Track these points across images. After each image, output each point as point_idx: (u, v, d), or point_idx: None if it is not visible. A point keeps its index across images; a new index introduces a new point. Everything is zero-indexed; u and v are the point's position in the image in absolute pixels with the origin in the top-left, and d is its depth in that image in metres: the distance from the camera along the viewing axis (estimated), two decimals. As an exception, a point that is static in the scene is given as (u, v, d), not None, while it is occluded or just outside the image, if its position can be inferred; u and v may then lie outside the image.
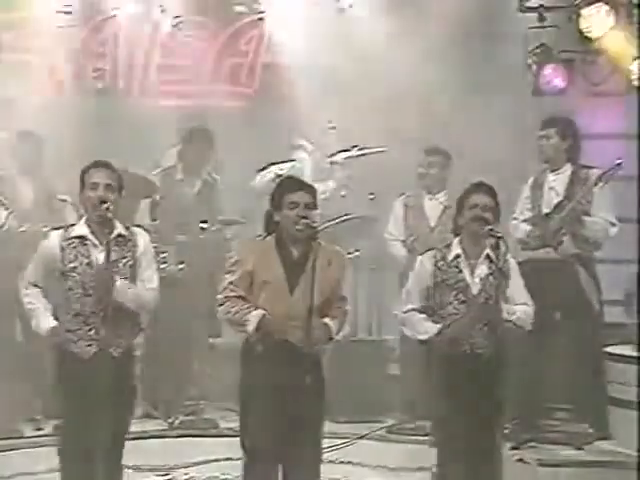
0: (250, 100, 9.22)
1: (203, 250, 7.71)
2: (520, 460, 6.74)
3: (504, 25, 8.75)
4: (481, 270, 5.50)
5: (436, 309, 5.56)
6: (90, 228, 5.41)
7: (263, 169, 8.23)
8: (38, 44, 8.59)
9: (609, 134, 8.50)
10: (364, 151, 8.27)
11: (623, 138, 8.40)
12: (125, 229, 5.45)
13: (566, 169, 7.24)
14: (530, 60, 8.65)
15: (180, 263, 7.69)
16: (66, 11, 8.67)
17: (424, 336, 5.53)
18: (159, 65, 9.06)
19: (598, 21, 8.29)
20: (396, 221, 7.86)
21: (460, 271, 5.52)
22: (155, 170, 7.96)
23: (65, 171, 7.49)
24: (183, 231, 7.75)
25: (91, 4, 8.82)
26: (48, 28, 8.60)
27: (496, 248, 5.43)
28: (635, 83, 8.36)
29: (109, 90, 8.98)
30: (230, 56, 9.17)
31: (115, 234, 5.37)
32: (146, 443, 6.96)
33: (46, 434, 7.01)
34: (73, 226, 5.47)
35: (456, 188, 6.00)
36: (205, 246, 7.73)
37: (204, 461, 6.87)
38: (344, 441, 7.16)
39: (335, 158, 8.32)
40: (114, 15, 8.84)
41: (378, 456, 7.02)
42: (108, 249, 5.28)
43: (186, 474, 6.73)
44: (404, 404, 7.72)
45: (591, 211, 7.09)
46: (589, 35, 8.36)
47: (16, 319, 7.39)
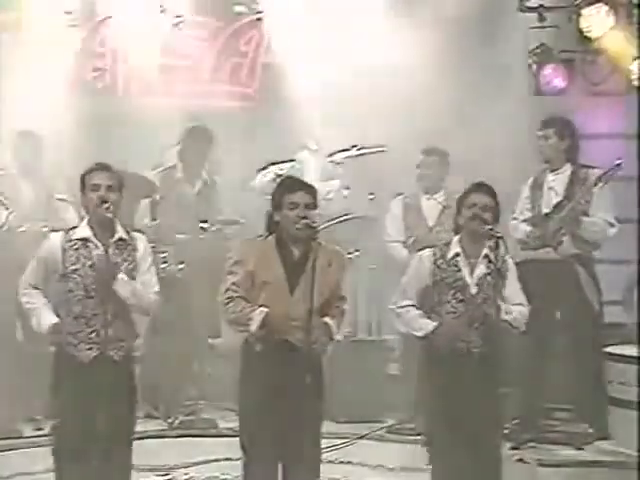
0: (250, 100, 9.23)
1: (203, 250, 7.71)
2: (520, 460, 6.74)
3: (504, 25, 8.74)
4: (480, 270, 5.50)
5: (434, 307, 5.56)
6: (92, 230, 5.41)
7: (263, 169, 8.23)
8: (38, 44, 8.58)
9: (609, 134, 8.50)
10: (363, 151, 8.26)
11: (623, 138, 8.41)
12: (125, 233, 5.46)
13: (566, 169, 7.24)
14: (530, 60, 8.65)
15: (180, 263, 7.69)
16: (66, 11, 8.68)
17: (420, 332, 5.54)
18: (159, 65, 9.05)
19: (598, 21, 8.29)
20: (394, 222, 7.84)
21: (459, 270, 5.52)
22: (155, 170, 7.96)
23: (65, 171, 7.52)
24: (183, 231, 7.75)
25: (91, 4, 8.81)
26: (48, 28, 8.60)
27: (495, 248, 5.44)
28: (635, 83, 8.36)
29: (109, 90, 8.98)
30: (230, 56, 9.17)
31: (116, 237, 5.39)
32: (146, 443, 6.92)
33: (46, 434, 6.98)
34: (75, 228, 5.49)
35: (455, 188, 5.99)
36: (205, 246, 7.73)
37: (204, 461, 6.88)
38: (344, 441, 7.17)
39: (334, 158, 8.32)
40: (114, 15, 8.84)
41: (378, 456, 7.01)
42: (106, 251, 5.29)
43: (186, 474, 6.73)
44: (404, 404, 7.71)
45: (590, 211, 7.09)
46: (589, 35, 8.36)
47: (16, 319, 7.39)
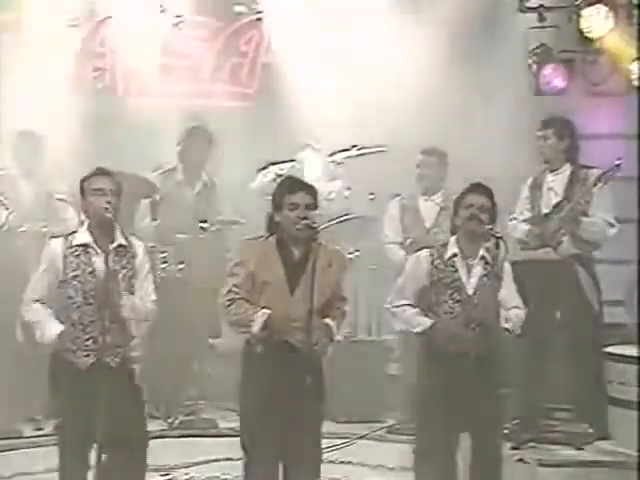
0: (250, 100, 9.23)
1: (203, 250, 7.71)
2: (520, 460, 6.74)
3: (504, 25, 8.74)
4: (476, 270, 5.52)
5: (431, 307, 5.58)
6: (92, 236, 5.40)
7: (263, 169, 8.23)
8: (38, 44, 8.58)
9: (609, 134, 8.50)
10: (363, 151, 8.26)
11: (623, 138, 8.40)
12: (125, 239, 5.46)
13: (565, 169, 7.23)
14: (530, 60, 8.65)
15: (180, 263, 7.69)
16: (66, 11, 8.67)
17: (418, 329, 5.55)
18: (159, 65, 9.05)
19: (598, 21, 8.29)
20: (392, 223, 7.83)
21: (456, 270, 5.54)
22: (155, 172, 7.95)
23: (65, 171, 7.52)
24: (183, 231, 7.74)
25: (91, 4, 8.81)
26: (48, 28, 8.60)
27: (496, 248, 5.44)
28: (635, 83, 8.36)
29: (109, 90, 8.98)
30: (230, 56, 9.17)
31: (116, 244, 5.38)
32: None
33: (46, 434, 7.01)
34: (74, 233, 5.47)
35: (454, 189, 5.99)
36: (205, 246, 7.73)
37: (204, 461, 6.87)
38: (344, 441, 7.17)
39: (335, 158, 8.32)
40: (114, 15, 8.84)
41: (378, 456, 7.01)
42: (107, 258, 5.28)
43: (186, 474, 6.73)
44: (404, 404, 7.71)
45: (590, 211, 7.08)
46: (589, 35, 8.36)
47: (16, 320, 7.38)
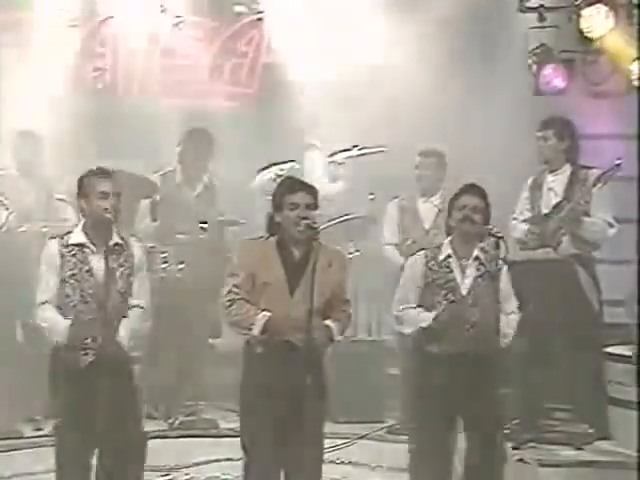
0: (250, 100, 9.22)
1: (203, 250, 7.71)
2: (520, 460, 6.73)
3: (504, 25, 8.74)
4: (470, 271, 5.55)
5: (427, 309, 5.60)
6: (87, 235, 5.40)
7: (263, 169, 8.23)
8: (38, 44, 8.58)
9: (609, 134, 8.49)
10: (364, 151, 8.26)
11: (623, 138, 8.38)
12: (121, 238, 5.45)
13: (565, 170, 7.22)
14: (530, 60, 8.65)
15: (180, 263, 7.68)
16: (66, 11, 8.68)
17: (424, 323, 5.54)
18: (159, 65, 9.05)
19: (598, 21, 8.28)
20: (390, 224, 7.83)
21: (451, 271, 5.58)
22: (155, 172, 7.95)
23: (65, 171, 7.52)
24: (183, 231, 7.74)
25: (91, 4, 8.81)
26: (48, 28, 8.60)
27: (496, 248, 5.45)
28: (635, 83, 8.35)
29: (109, 90, 8.98)
30: (230, 56, 9.17)
31: (112, 243, 5.38)
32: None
33: (46, 434, 7.01)
34: (70, 234, 5.47)
35: (454, 190, 5.99)
36: (205, 246, 7.73)
37: (204, 461, 6.88)
38: (344, 441, 7.16)
39: (335, 158, 8.32)
40: (114, 15, 8.84)
41: (378, 456, 7.02)
42: (107, 256, 5.28)
43: (187, 474, 6.73)
44: (404, 404, 7.70)
45: (590, 211, 7.08)
46: (589, 35, 8.35)
47: (16, 320, 7.39)
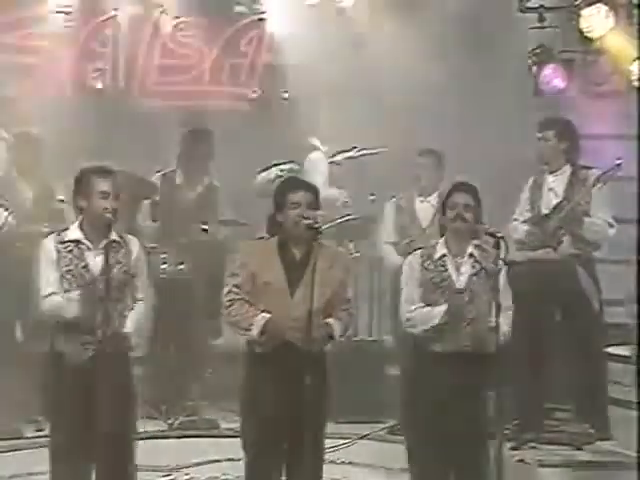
0: (250, 101, 9.22)
1: (203, 251, 7.71)
2: (520, 461, 6.73)
3: (504, 25, 8.75)
4: (465, 268, 5.57)
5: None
6: (84, 232, 5.40)
7: (263, 170, 8.23)
8: (38, 44, 8.59)
9: (609, 134, 8.49)
10: (364, 151, 8.26)
11: (623, 138, 8.39)
12: (118, 236, 5.45)
13: (565, 170, 7.21)
14: (530, 60, 8.66)
15: (180, 264, 7.69)
16: (66, 11, 8.69)
17: (437, 319, 5.50)
18: (159, 65, 9.06)
19: (598, 21, 8.29)
20: (387, 224, 7.84)
21: (446, 270, 5.58)
22: (156, 172, 7.94)
23: (65, 171, 7.50)
24: (183, 232, 7.74)
25: (91, 4, 8.82)
26: (48, 28, 8.61)
27: (496, 248, 5.45)
28: (635, 83, 8.36)
29: (109, 90, 8.98)
30: (230, 56, 9.18)
31: (108, 240, 5.37)
32: (146, 444, 6.89)
33: (46, 435, 7.00)
34: (66, 230, 5.47)
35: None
36: (205, 247, 7.73)
37: (205, 461, 6.88)
38: (345, 441, 7.16)
39: (335, 158, 8.32)
40: (114, 15, 8.85)
41: (378, 456, 7.02)
42: (107, 253, 5.28)
43: (187, 474, 6.73)
44: (404, 404, 7.70)
45: (590, 212, 7.08)
46: (589, 35, 8.36)
47: (16, 320, 7.39)
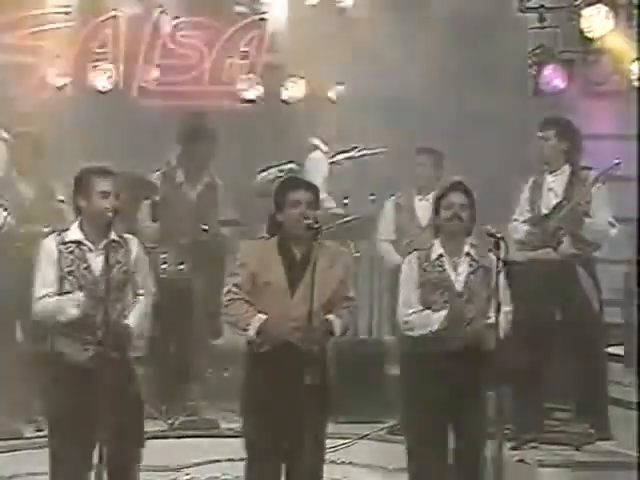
0: (251, 101, 9.21)
1: (203, 251, 7.71)
2: (520, 461, 6.72)
3: (504, 25, 8.75)
4: (463, 267, 5.58)
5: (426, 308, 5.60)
6: (84, 232, 5.40)
7: (263, 170, 8.23)
8: (38, 44, 8.59)
9: (609, 134, 8.50)
10: (364, 152, 8.26)
11: (623, 138, 8.40)
12: (117, 235, 5.45)
13: (564, 170, 7.20)
14: (530, 60, 8.67)
15: (180, 264, 7.69)
16: (66, 11, 8.69)
17: (437, 325, 5.53)
18: (159, 65, 9.06)
19: (598, 22, 8.30)
20: (386, 222, 7.84)
21: (444, 270, 5.60)
22: (156, 172, 7.94)
23: (65, 172, 7.51)
24: (184, 232, 7.74)
25: (91, 4, 8.82)
26: (48, 28, 8.61)
27: (496, 249, 5.46)
28: (635, 83, 8.37)
29: (110, 90, 8.97)
30: (230, 56, 9.18)
31: (108, 240, 5.37)
32: (147, 444, 6.94)
33: (46, 435, 6.99)
34: (66, 231, 5.47)
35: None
36: (205, 247, 7.73)
37: (205, 461, 6.87)
38: (345, 441, 7.16)
39: (335, 158, 8.33)
40: (114, 15, 8.85)
41: (378, 456, 7.02)
42: (107, 252, 5.27)
43: (187, 474, 6.73)
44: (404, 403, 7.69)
45: (590, 212, 7.08)
46: (589, 36, 8.38)
47: (16, 319, 7.39)
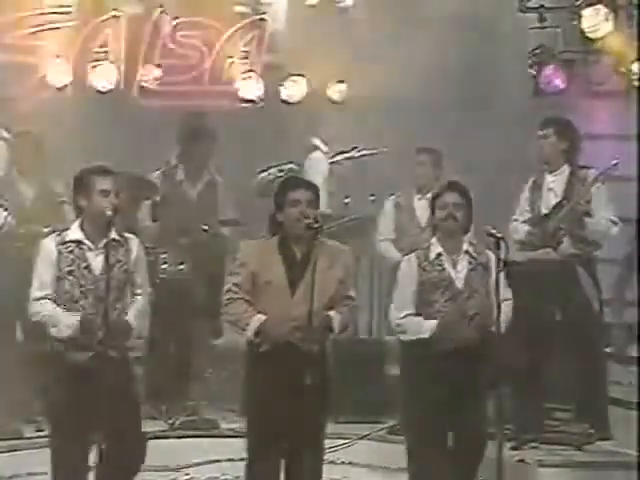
0: (251, 100, 9.21)
1: (203, 251, 7.71)
2: (520, 461, 6.72)
3: (504, 25, 8.75)
4: (462, 265, 5.61)
5: (424, 308, 5.62)
6: (85, 232, 5.41)
7: (263, 171, 8.23)
8: (38, 44, 8.59)
9: (609, 135, 8.50)
10: (364, 152, 8.27)
11: (623, 138, 8.40)
12: (118, 235, 5.46)
13: (564, 170, 7.20)
14: (530, 60, 8.67)
15: (180, 264, 7.69)
16: (66, 11, 8.69)
17: (426, 334, 5.55)
18: (159, 65, 9.05)
19: (598, 22, 8.30)
20: (386, 221, 7.85)
21: (443, 269, 5.61)
22: (156, 171, 7.94)
23: (65, 172, 7.51)
24: (184, 231, 7.74)
25: (91, 4, 8.82)
26: (48, 28, 8.60)
27: (497, 248, 5.46)
28: (635, 83, 8.37)
29: (110, 90, 8.97)
30: (230, 56, 9.17)
31: (110, 238, 5.38)
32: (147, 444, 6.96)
33: (47, 435, 6.99)
34: (66, 230, 5.48)
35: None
36: (205, 247, 7.73)
37: (205, 461, 6.88)
38: (345, 441, 7.16)
39: (335, 159, 8.33)
40: (114, 15, 8.85)
41: (378, 456, 7.02)
42: (107, 252, 5.28)
43: (187, 474, 6.73)
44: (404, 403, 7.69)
45: (590, 211, 7.08)
46: (589, 36, 8.38)
47: (16, 319, 7.38)
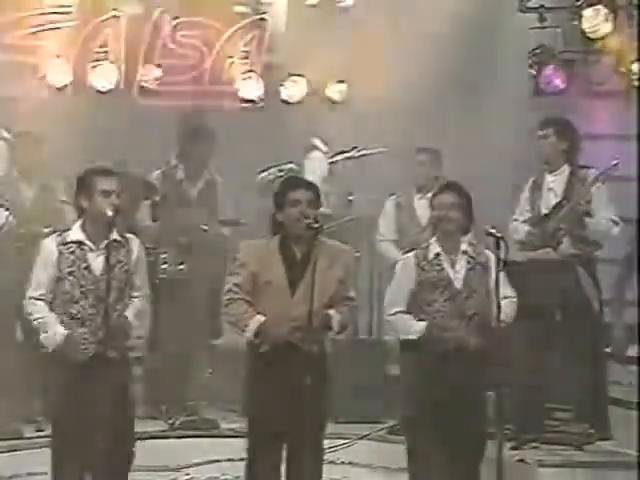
0: (251, 101, 9.21)
1: (203, 250, 7.71)
2: (520, 461, 6.72)
3: (504, 25, 8.75)
4: (460, 265, 5.61)
5: (423, 309, 5.61)
6: (86, 233, 5.42)
7: (263, 171, 8.23)
8: (38, 44, 8.59)
9: (609, 135, 8.50)
10: (364, 152, 8.27)
11: (623, 138, 8.40)
12: (119, 235, 5.46)
13: (564, 170, 7.21)
14: (530, 60, 8.66)
15: (180, 264, 7.69)
16: (66, 11, 8.69)
17: (414, 335, 5.56)
18: (159, 65, 9.05)
19: (598, 22, 8.30)
20: (387, 221, 7.85)
21: (442, 268, 5.61)
22: (156, 171, 7.94)
23: (65, 172, 7.51)
24: (184, 231, 7.74)
25: (91, 4, 8.81)
26: (48, 28, 8.60)
27: (496, 248, 5.46)
28: (635, 83, 8.37)
29: (110, 90, 8.97)
30: (230, 56, 9.17)
31: (110, 239, 5.38)
32: (147, 444, 6.90)
33: (47, 435, 7.00)
34: (67, 231, 5.49)
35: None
36: (205, 247, 7.73)
37: (205, 461, 6.88)
38: (345, 442, 7.17)
39: (335, 159, 8.33)
40: (114, 15, 8.85)
41: (378, 456, 7.02)
42: (108, 252, 5.29)
43: (187, 474, 6.73)
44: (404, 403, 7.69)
45: (591, 211, 7.09)
46: (590, 36, 8.38)
47: (16, 319, 7.38)
